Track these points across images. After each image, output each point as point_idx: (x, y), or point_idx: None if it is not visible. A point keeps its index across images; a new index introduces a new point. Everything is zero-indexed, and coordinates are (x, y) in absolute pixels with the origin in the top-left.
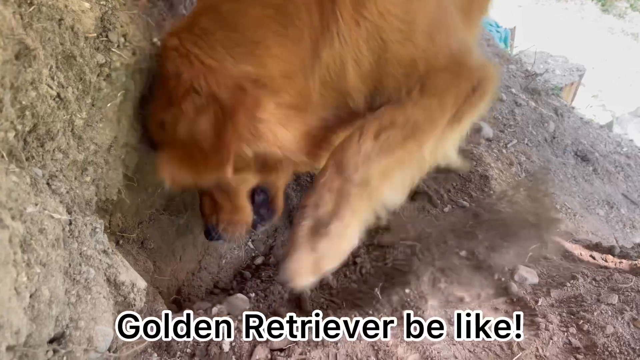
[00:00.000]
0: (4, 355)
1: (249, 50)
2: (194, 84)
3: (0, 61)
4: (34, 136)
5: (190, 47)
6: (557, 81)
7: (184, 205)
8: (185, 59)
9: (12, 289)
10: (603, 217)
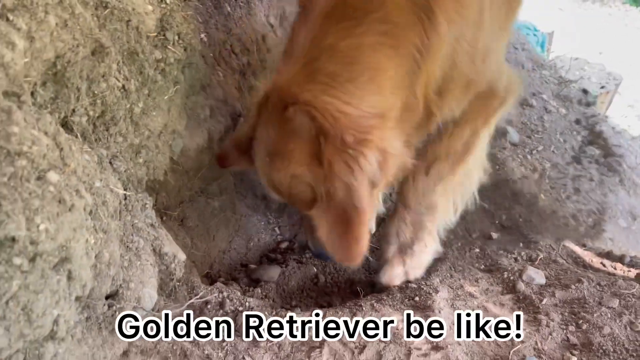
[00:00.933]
0: (72, 303)
1: (369, 77)
2: (345, 140)
3: (81, 56)
4: (101, 121)
5: (325, 99)
6: (592, 89)
7: (220, 189)
8: (327, 114)
9: (84, 249)
10: (625, 228)
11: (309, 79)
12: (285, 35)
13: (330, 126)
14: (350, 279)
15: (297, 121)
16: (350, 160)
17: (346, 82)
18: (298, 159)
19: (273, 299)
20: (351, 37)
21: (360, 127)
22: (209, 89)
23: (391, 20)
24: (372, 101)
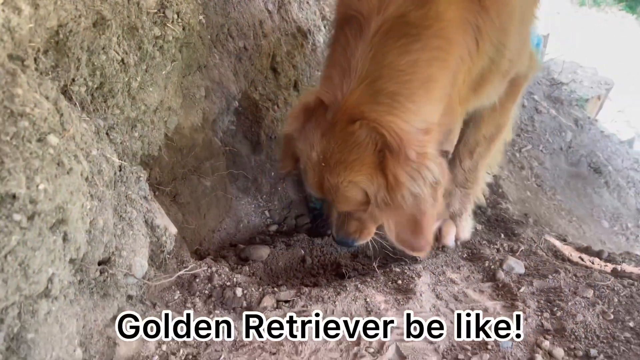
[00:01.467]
0: (67, 264)
1: (425, 90)
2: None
3: (82, 27)
4: (99, 92)
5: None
6: (583, 92)
7: (212, 169)
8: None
9: (79, 213)
10: (607, 228)
11: (372, 99)
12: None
13: (395, 143)
14: (336, 262)
15: (362, 136)
16: (414, 173)
17: (405, 100)
18: (359, 168)
19: (260, 277)
20: (409, 54)
21: (418, 142)
22: (205, 70)
23: (444, 36)
24: (425, 112)
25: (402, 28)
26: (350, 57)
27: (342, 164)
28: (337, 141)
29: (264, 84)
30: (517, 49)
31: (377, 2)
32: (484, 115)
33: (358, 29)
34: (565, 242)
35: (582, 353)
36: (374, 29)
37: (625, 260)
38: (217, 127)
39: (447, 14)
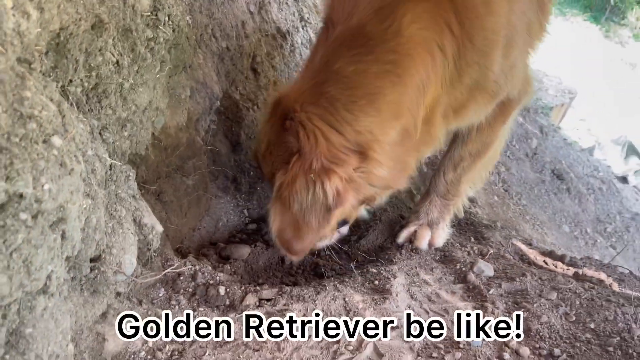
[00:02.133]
0: (63, 262)
1: (368, 101)
2: (311, 165)
3: (82, 30)
4: (94, 93)
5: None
6: (548, 100)
7: (194, 168)
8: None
9: (77, 212)
10: (568, 233)
11: (311, 101)
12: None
13: (308, 148)
14: (314, 262)
15: (288, 135)
16: (310, 182)
17: (342, 108)
18: (278, 163)
19: (241, 275)
20: (358, 64)
21: (333, 156)
22: (190, 70)
23: (402, 52)
24: (365, 123)
25: (358, 38)
26: (313, 59)
27: (272, 157)
28: (275, 135)
29: (244, 84)
30: (505, 72)
31: (346, 12)
32: (471, 132)
33: (327, 34)
34: (531, 246)
35: (546, 352)
36: (334, 35)
37: (586, 264)
38: (199, 126)
39: (408, 31)
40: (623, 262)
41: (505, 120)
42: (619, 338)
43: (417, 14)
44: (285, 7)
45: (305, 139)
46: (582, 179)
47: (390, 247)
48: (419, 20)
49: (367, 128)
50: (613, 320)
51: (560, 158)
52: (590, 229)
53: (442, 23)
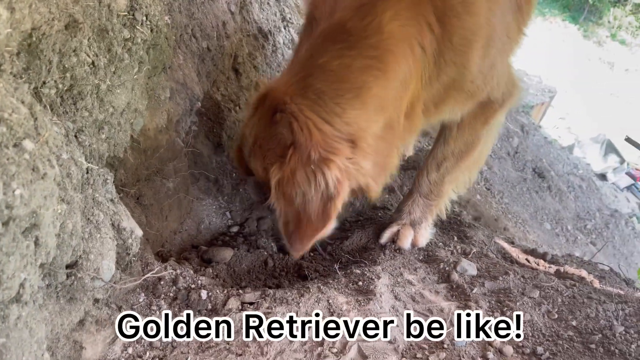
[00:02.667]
0: (37, 269)
1: (354, 94)
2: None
3: (55, 30)
4: (69, 95)
5: (308, 114)
6: (529, 99)
7: (174, 171)
8: (304, 128)
9: (51, 218)
10: (549, 230)
11: (300, 93)
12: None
13: (303, 140)
14: (298, 264)
15: (280, 127)
16: (310, 174)
17: (330, 100)
18: (271, 158)
19: (224, 279)
20: (342, 58)
21: (328, 146)
22: (170, 71)
23: (383, 48)
24: (352, 116)
25: (340, 34)
26: (297, 55)
27: (262, 151)
28: (264, 129)
29: (226, 85)
30: (484, 73)
31: (329, 9)
32: (453, 132)
33: (310, 31)
34: (513, 244)
35: (529, 350)
36: (318, 31)
37: (567, 262)
38: (180, 128)
39: (389, 27)
40: (603, 258)
41: (487, 122)
42: (601, 335)
43: (397, 11)
44: (266, 7)
45: (299, 130)
46: (563, 177)
47: (374, 247)
48: (399, 17)
49: (354, 120)
50: (595, 317)
51: (541, 156)
52: (570, 226)
53: (422, 21)
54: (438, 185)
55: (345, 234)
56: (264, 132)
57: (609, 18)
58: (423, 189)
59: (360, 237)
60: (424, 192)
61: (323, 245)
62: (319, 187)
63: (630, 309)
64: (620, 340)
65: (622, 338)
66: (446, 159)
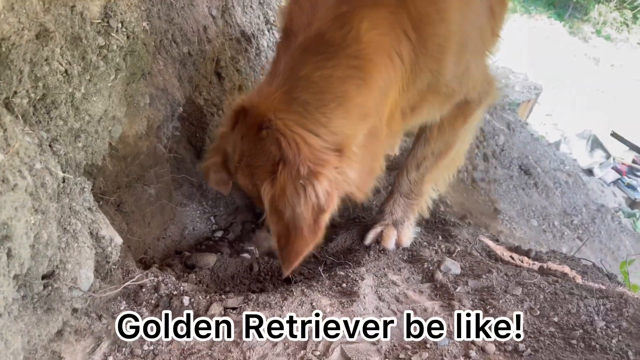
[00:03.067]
0: (11, 280)
1: (337, 103)
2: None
3: (25, 40)
4: (42, 104)
5: (294, 129)
6: (515, 97)
7: (156, 177)
8: (292, 143)
9: (24, 229)
10: (536, 227)
11: (284, 107)
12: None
13: (292, 155)
14: None
15: (267, 145)
16: (300, 188)
17: (316, 111)
18: (260, 175)
19: (207, 284)
20: (324, 69)
21: (317, 159)
22: (149, 77)
23: (363, 57)
24: (338, 125)
25: (320, 45)
26: (277, 67)
27: (250, 168)
28: (250, 146)
29: (208, 89)
30: (458, 77)
31: (306, 20)
32: (433, 132)
33: (288, 43)
34: (498, 242)
35: (511, 348)
36: (297, 43)
37: (550, 258)
38: (161, 133)
39: (367, 36)
40: (590, 253)
41: (466, 121)
42: (582, 330)
43: (374, 20)
44: (250, 11)
45: (287, 146)
46: (549, 173)
47: (358, 249)
48: (377, 26)
49: (340, 129)
50: (576, 313)
51: (527, 153)
52: (557, 222)
53: (399, 29)
54: (418, 185)
55: (329, 236)
56: (251, 149)
57: (594, 14)
58: (403, 189)
59: (344, 238)
60: (404, 192)
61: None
62: (309, 200)
63: (611, 304)
64: (601, 335)
65: (602, 333)
66: (426, 158)
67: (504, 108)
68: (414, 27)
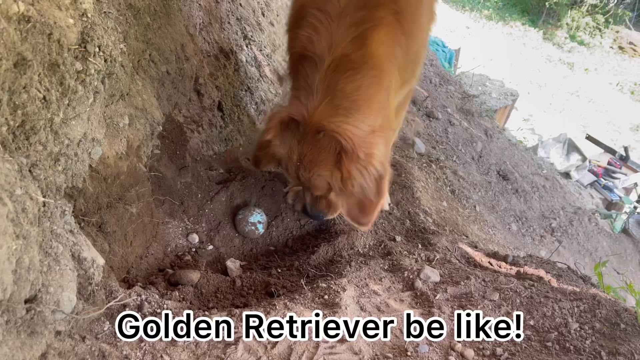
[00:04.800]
0: None
1: (367, 105)
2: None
3: (3, 69)
4: (21, 130)
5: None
6: (492, 104)
7: (137, 196)
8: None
9: (6, 255)
10: (516, 231)
11: (332, 113)
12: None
13: (349, 146)
14: (265, 281)
15: (326, 142)
16: (362, 169)
17: (355, 112)
18: (324, 165)
19: (190, 301)
20: (354, 82)
21: (366, 144)
22: (128, 98)
23: (377, 67)
24: (369, 120)
25: (347, 64)
26: (311, 84)
27: (313, 163)
28: (309, 147)
29: (187, 107)
30: (420, 69)
31: (327, 45)
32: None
33: (314, 65)
34: (477, 248)
35: (489, 352)
36: (327, 65)
37: (527, 263)
38: (141, 152)
39: (378, 51)
40: (569, 255)
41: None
42: (557, 333)
43: (380, 38)
44: (227, 27)
45: (344, 140)
46: (527, 178)
47: (340, 260)
48: (384, 42)
49: (371, 121)
50: (551, 315)
51: (505, 159)
52: (536, 226)
53: (396, 42)
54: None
55: (312, 249)
56: (311, 149)
57: (567, 20)
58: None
59: (326, 250)
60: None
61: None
62: (372, 174)
63: (585, 306)
64: (575, 336)
65: (576, 334)
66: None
67: (481, 115)
68: (405, 39)
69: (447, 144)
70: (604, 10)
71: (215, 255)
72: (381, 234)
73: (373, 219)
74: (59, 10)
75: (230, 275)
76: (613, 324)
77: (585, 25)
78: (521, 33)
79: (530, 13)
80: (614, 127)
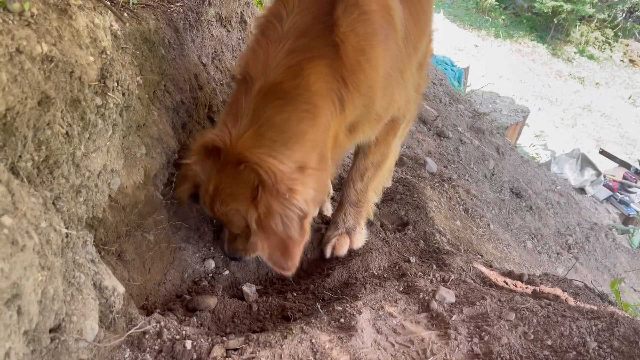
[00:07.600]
0: (21, 336)
1: (296, 140)
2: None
3: (28, 107)
4: (45, 165)
5: (267, 160)
6: (503, 121)
7: (155, 223)
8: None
9: (32, 286)
10: (531, 249)
11: (255, 144)
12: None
13: (269, 179)
14: (281, 305)
15: (245, 175)
16: (284, 203)
17: (281, 146)
18: (242, 200)
19: (208, 327)
20: (283, 113)
21: (290, 180)
22: (144, 128)
23: (312, 102)
24: (297, 156)
25: (278, 92)
26: (239, 109)
27: (230, 196)
28: (228, 178)
29: None
30: (385, 107)
31: (262, 68)
32: (370, 147)
33: (246, 88)
34: (492, 267)
35: None
36: (257, 89)
37: (543, 281)
38: (158, 181)
39: (315, 86)
40: (587, 272)
41: (395, 134)
42: (575, 352)
43: (320, 71)
44: (239, 55)
45: (264, 174)
46: (541, 195)
47: (355, 282)
48: (322, 76)
49: (299, 157)
50: (568, 335)
51: (518, 176)
52: (552, 243)
53: (339, 77)
54: (364, 193)
55: (326, 272)
56: (229, 181)
57: (575, 35)
58: (352, 199)
59: (341, 273)
60: (352, 201)
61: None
62: (295, 210)
63: (603, 324)
64: (594, 356)
65: (595, 354)
66: (367, 169)
67: (492, 133)
68: (349, 74)
69: (459, 162)
70: (612, 24)
71: (231, 280)
72: (395, 255)
73: (296, 262)
74: (79, 49)
75: (246, 300)
76: (631, 342)
77: (595, 40)
78: (530, 49)
79: (537, 30)
80: (627, 140)
